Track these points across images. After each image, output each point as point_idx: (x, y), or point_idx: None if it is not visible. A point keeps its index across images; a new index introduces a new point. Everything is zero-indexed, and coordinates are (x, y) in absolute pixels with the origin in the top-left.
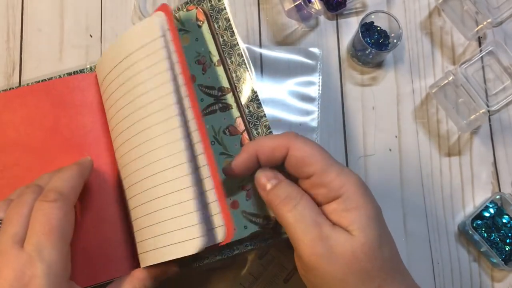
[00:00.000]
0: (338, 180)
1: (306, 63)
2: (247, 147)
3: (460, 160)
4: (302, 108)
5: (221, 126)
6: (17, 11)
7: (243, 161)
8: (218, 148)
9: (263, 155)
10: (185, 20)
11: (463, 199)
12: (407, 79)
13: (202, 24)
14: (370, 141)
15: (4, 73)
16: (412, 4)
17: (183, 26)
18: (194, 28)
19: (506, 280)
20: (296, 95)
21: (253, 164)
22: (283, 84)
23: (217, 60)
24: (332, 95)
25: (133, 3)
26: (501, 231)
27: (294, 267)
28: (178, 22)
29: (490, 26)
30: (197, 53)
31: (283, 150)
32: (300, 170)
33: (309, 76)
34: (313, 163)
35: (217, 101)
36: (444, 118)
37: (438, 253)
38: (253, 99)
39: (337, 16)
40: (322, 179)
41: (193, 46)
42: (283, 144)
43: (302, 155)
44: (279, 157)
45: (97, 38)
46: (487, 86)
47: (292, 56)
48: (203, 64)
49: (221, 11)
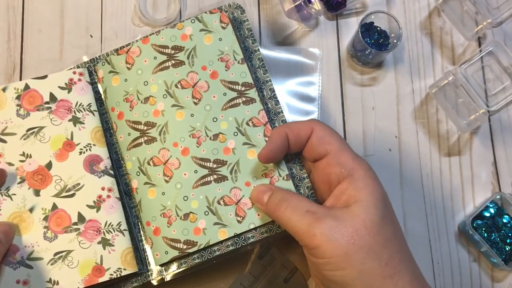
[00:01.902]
0: (352, 162)
1: (306, 63)
2: (277, 129)
3: (460, 160)
4: (302, 109)
5: (244, 118)
6: (18, 12)
7: (276, 143)
8: (241, 138)
9: (292, 134)
10: (208, 21)
11: (463, 199)
12: (407, 79)
13: (226, 26)
14: (370, 141)
15: (4, 73)
16: (412, 4)
17: (205, 27)
18: (218, 29)
19: (506, 280)
20: (296, 95)
21: (284, 145)
22: (284, 84)
23: (240, 59)
24: (332, 95)
25: (133, 3)
26: (501, 231)
27: (294, 267)
28: (200, 22)
29: (489, 27)
30: (220, 52)
31: (308, 130)
32: (320, 148)
33: (309, 76)
34: (332, 142)
35: (240, 95)
36: (444, 118)
37: (438, 253)
38: (272, 97)
39: (337, 16)
40: (338, 157)
41: (216, 45)
42: (308, 126)
43: (323, 134)
44: (304, 137)
45: (97, 38)
46: (487, 86)
47: (292, 57)
48: (227, 61)
49: (243, 22)
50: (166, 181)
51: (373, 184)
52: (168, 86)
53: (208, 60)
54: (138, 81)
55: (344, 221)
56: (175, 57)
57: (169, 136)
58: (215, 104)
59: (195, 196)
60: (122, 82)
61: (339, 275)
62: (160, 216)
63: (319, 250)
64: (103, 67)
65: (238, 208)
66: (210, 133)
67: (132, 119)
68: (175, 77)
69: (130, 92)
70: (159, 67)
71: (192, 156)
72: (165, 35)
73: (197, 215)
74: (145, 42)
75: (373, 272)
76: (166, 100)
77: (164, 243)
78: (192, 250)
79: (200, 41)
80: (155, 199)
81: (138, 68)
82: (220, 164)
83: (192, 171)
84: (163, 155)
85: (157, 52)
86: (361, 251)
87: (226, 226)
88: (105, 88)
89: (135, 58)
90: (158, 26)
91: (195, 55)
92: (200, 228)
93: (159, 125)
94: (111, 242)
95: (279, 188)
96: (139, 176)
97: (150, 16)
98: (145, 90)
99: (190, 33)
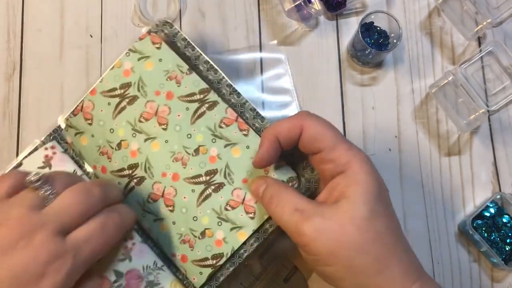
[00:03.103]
0: (345, 156)
1: (270, 58)
2: (266, 133)
3: (460, 160)
4: (281, 101)
5: (215, 122)
6: (18, 11)
7: (267, 148)
8: (221, 142)
9: (282, 137)
10: (141, 48)
11: (463, 199)
12: (407, 79)
13: (160, 45)
14: (370, 141)
15: (4, 73)
16: (412, 4)
17: (142, 54)
18: (154, 51)
19: (506, 280)
20: (270, 90)
21: (276, 149)
22: (253, 82)
23: (187, 70)
24: (332, 95)
25: (133, 3)
26: (501, 231)
27: (294, 266)
28: (135, 52)
29: (489, 26)
30: (165, 71)
31: (298, 129)
32: (312, 146)
33: (277, 68)
34: (324, 139)
35: (202, 103)
36: (444, 118)
37: (438, 253)
38: (232, 92)
39: (337, 16)
40: (330, 154)
41: (158, 67)
42: (297, 124)
43: (313, 132)
44: (295, 136)
45: (97, 38)
46: (487, 86)
47: (256, 55)
48: (175, 77)
49: (176, 34)
50: (170, 211)
51: (365, 178)
52: (133, 124)
53: (158, 83)
54: (104, 132)
55: (331, 219)
56: (126, 95)
57: (155, 169)
58: (182, 122)
59: (203, 213)
60: (90, 138)
61: (329, 270)
62: (180, 244)
63: (309, 248)
64: (68, 132)
65: (246, 206)
66: (190, 150)
67: (116, 169)
68: (135, 113)
69: (102, 145)
70: (116, 111)
71: (183, 178)
72: (108, 79)
73: (212, 229)
74: (93, 93)
75: (362, 268)
76: (136, 138)
77: (195, 266)
78: (222, 262)
79: (142, 70)
80: (169, 231)
81: (99, 120)
82: (212, 174)
83: (189, 192)
84: (157, 188)
85: (108, 97)
86: (349, 248)
87: (242, 227)
88: (78, 150)
89: (91, 112)
90: None
91: (144, 84)
92: (220, 239)
93: (141, 163)
94: (156, 282)
95: (273, 180)
96: (145, 217)
97: (150, 16)
98: (114, 137)
99: (131, 67)
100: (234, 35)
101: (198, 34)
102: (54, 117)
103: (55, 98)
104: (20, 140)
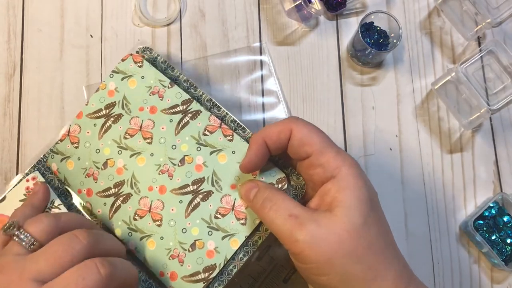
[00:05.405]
0: (334, 161)
1: (253, 60)
2: (255, 137)
3: (462, 158)
4: (267, 103)
5: (199, 130)
6: (18, 11)
7: (255, 152)
8: (206, 149)
9: (270, 140)
10: (124, 68)
11: (464, 198)
12: (407, 79)
13: (142, 63)
14: (370, 140)
15: (5, 73)
16: (412, 4)
17: (125, 74)
18: (136, 70)
19: (506, 281)
20: (256, 92)
21: (264, 153)
22: (238, 86)
23: (169, 83)
24: (332, 95)
25: (133, 3)
26: (502, 231)
27: (293, 266)
28: (118, 73)
29: (489, 27)
30: (148, 87)
31: (287, 132)
32: (300, 150)
33: (260, 71)
34: (312, 143)
35: (185, 113)
36: (445, 116)
37: (438, 253)
38: (212, 106)
39: (337, 16)
40: (319, 159)
41: (141, 83)
42: (286, 128)
43: (302, 136)
44: (284, 140)
45: (98, 38)
46: (487, 85)
47: (237, 58)
48: (158, 92)
49: (156, 59)
50: (158, 225)
51: (356, 184)
52: (118, 141)
53: (142, 99)
54: (90, 153)
55: (326, 227)
56: (111, 114)
57: (141, 184)
58: (167, 134)
59: (192, 223)
60: (76, 161)
61: (323, 279)
62: (169, 260)
63: (302, 256)
64: (54, 159)
65: (236, 212)
66: (175, 161)
67: (101, 189)
68: (120, 131)
69: (88, 167)
70: (102, 130)
71: (170, 190)
72: (94, 101)
73: (202, 239)
74: (79, 117)
75: (356, 276)
76: (122, 155)
77: (185, 282)
78: (215, 273)
79: (126, 89)
80: (157, 248)
81: (85, 142)
82: (199, 183)
83: (177, 204)
84: (144, 204)
85: (94, 119)
86: (344, 256)
87: (234, 234)
88: (63, 176)
89: (77, 135)
90: (158, 26)
91: (128, 102)
92: (211, 249)
93: (127, 180)
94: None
95: (265, 184)
96: (131, 236)
97: (150, 16)
98: (100, 157)
99: (115, 87)
100: (234, 35)
101: (198, 34)
102: (54, 117)
103: (55, 98)
104: (20, 140)
